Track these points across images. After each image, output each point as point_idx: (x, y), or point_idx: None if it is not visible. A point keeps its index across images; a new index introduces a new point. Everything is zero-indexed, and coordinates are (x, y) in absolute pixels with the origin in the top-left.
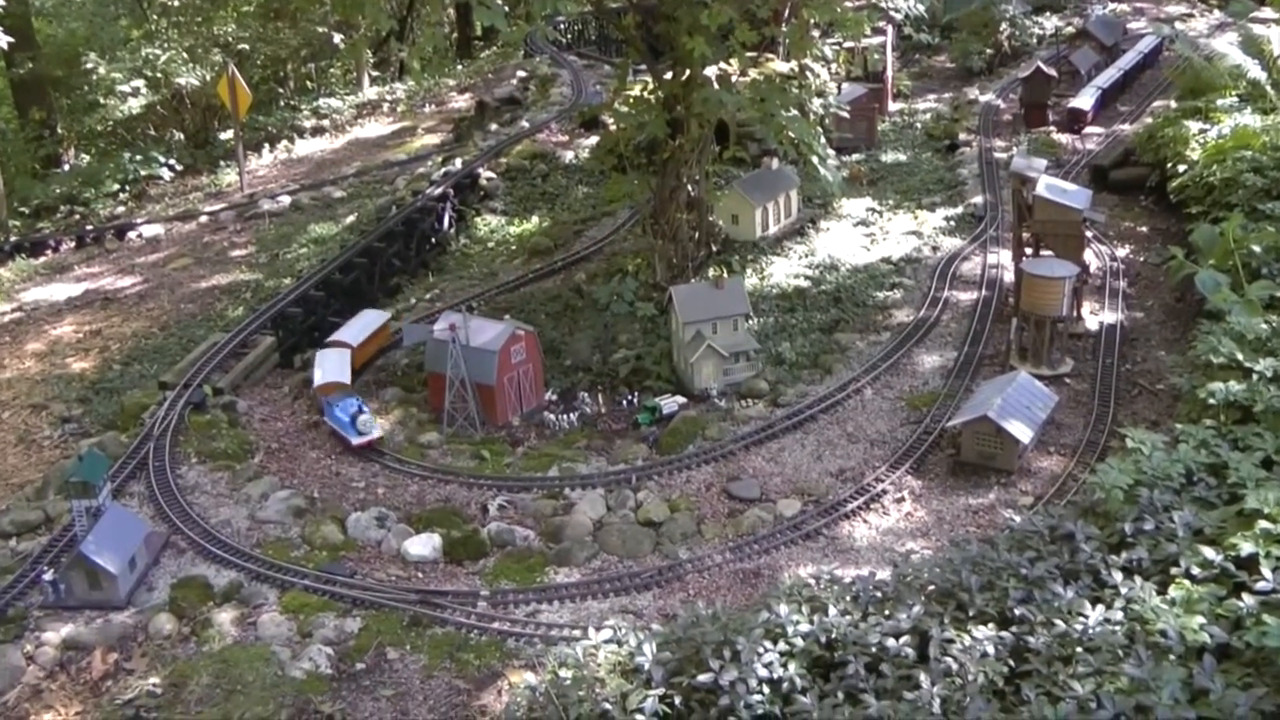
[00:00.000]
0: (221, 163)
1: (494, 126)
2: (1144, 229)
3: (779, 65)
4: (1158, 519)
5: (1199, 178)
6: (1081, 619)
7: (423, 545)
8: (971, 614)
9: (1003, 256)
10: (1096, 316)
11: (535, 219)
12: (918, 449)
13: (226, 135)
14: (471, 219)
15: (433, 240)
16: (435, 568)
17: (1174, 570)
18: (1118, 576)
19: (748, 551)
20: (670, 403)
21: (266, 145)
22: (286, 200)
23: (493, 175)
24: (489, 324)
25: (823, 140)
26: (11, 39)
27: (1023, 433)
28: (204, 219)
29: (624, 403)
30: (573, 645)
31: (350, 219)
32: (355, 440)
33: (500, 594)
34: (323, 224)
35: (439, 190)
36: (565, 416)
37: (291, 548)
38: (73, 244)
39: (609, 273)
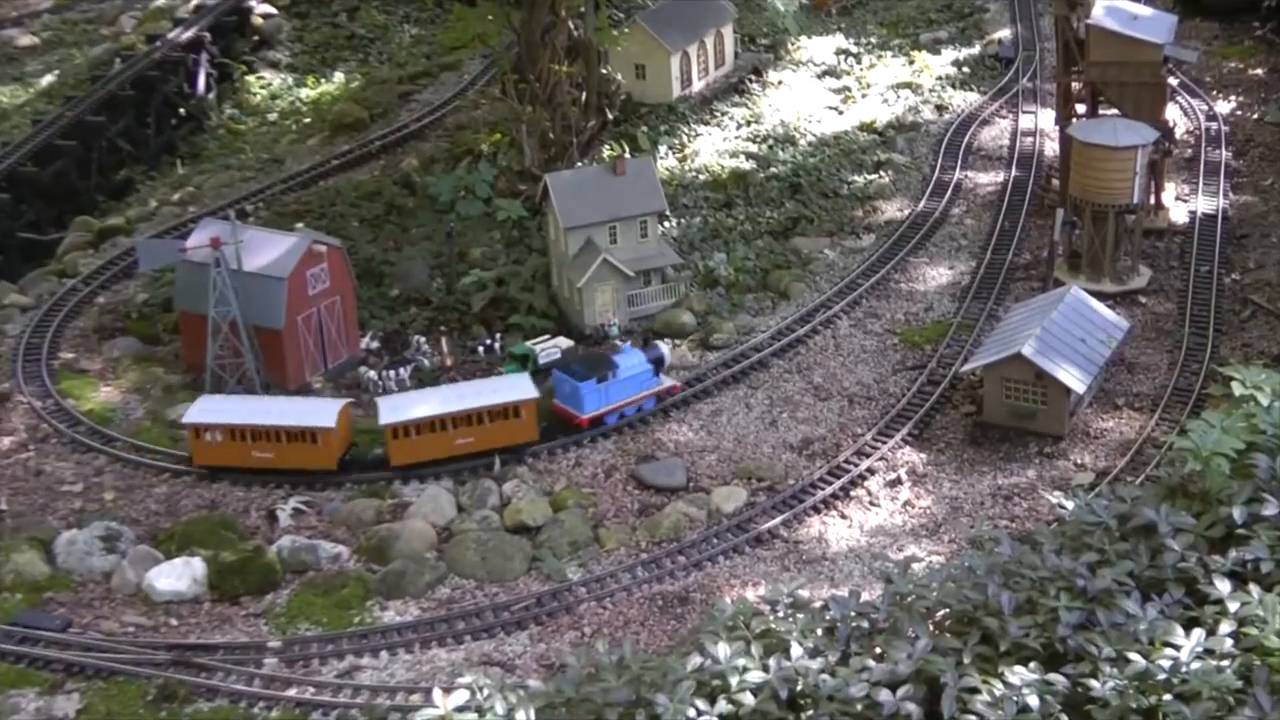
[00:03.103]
0: None
1: None
2: (1258, 72)
3: None
4: None
5: None
6: (1170, 651)
7: (177, 576)
8: (1004, 649)
9: (1042, 118)
10: (1186, 204)
11: (339, 76)
12: (918, 407)
13: None
14: (241, 78)
15: (181, 111)
16: (198, 609)
17: None
18: (1224, 587)
19: (669, 566)
20: (550, 348)
21: None
22: None
23: (272, 10)
24: (273, 237)
25: None
26: None
27: (1075, 379)
28: None
29: (481, 349)
30: (410, 717)
31: (48, 80)
32: (674, 380)
33: (299, 644)
34: (3, 88)
35: (188, 34)
36: (393, 372)
37: None
38: None
39: (453, 156)
